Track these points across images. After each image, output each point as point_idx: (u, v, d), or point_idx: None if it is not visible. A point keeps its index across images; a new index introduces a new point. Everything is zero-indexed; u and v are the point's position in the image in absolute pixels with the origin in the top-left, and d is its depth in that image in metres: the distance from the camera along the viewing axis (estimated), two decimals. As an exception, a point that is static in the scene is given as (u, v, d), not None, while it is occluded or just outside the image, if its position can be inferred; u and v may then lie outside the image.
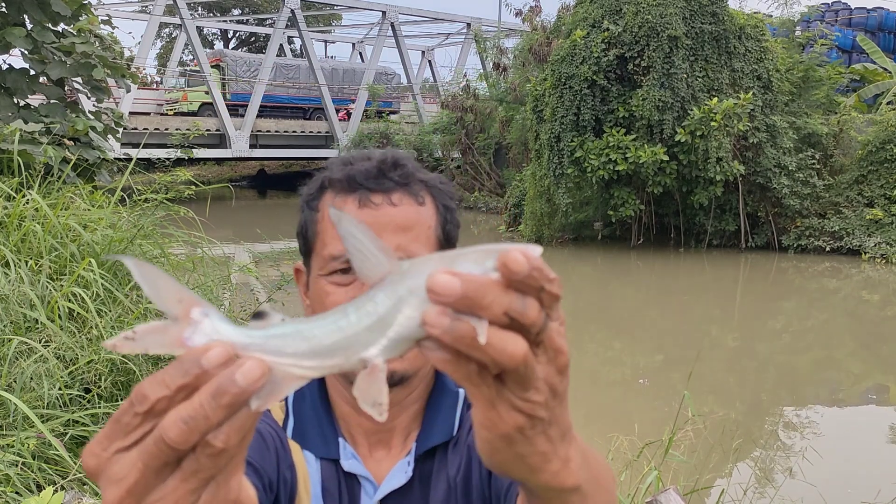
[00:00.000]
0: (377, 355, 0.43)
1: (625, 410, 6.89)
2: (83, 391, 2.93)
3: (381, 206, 0.87)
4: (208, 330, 0.43)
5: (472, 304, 0.41)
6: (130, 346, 0.42)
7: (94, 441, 0.42)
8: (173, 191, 4.48)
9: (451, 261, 0.42)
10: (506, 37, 28.74)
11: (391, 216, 0.87)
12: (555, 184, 15.72)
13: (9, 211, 3.67)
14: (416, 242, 0.88)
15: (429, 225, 0.90)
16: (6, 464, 2.32)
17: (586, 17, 15.76)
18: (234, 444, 0.41)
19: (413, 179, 0.91)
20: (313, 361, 0.42)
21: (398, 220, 0.87)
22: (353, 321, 0.42)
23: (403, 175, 0.90)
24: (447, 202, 0.94)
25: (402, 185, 0.89)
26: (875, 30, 25.11)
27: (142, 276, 0.43)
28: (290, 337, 0.43)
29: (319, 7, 38.61)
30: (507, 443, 0.47)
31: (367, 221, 0.85)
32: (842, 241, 14.93)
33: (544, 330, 0.44)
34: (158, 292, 0.43)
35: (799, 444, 5.77)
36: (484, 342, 0.41)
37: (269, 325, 0.43)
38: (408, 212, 0.88)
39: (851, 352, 9.32)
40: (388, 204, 0.88)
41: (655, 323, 10.71)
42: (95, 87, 6.53)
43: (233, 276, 5.01)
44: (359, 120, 31.97)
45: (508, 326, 0.42)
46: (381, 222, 0.87)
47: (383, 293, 0.42)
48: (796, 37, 18.29)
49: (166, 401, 0.40)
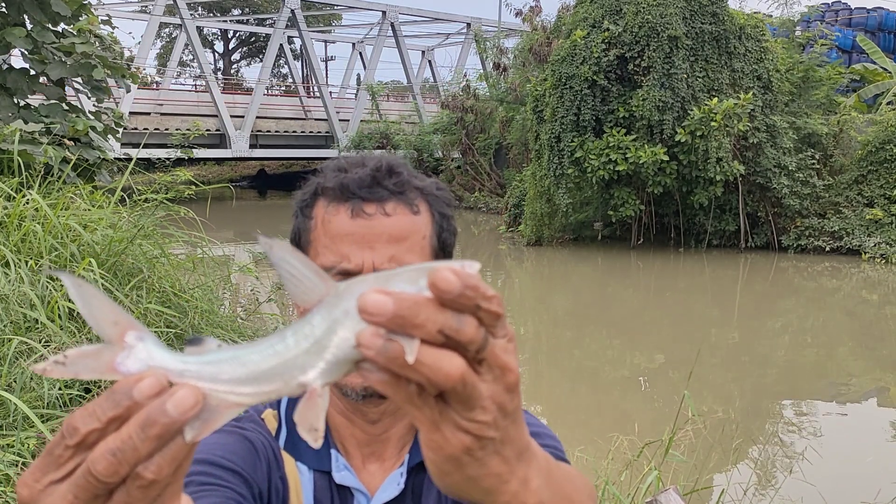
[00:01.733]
0: (315, 379, 0.42)
1: (625, 410, 6.89)
2: (83, 391, 2.93)
3: (374, 217, 0.85)
4: (143, 355, 0.42)
5: (405, 323, 0.40)
6: (61, 371, 0.41)
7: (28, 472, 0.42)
8: (173, 191, 4.48)
9: (385, 280, 0.42)
10: (506, 37, 28.75)
11: (384, 226, 0.85)
12: (555, 184, 15.72)
13: (9, 211, 3.67)
14: (410, 253, 0.86)
15: (423, 234, 0.88)
16: (6, 464, 2.32)
17: (586, 17, 15.76)
18: (166, 475, 0.40)
19: (408, 187, 0.88)
20: (250, 387, 0.41)
21: (392, 231, 0.85)
22: (290, 345, 0.42)
23: (398, 183, 0.87)
24: (443, 209, 0.92)
25: (396, 194, 0.87)
26: (875, 30, 25.10)
27: (78, 295, 0.42)
28: (226, 363, 0.41)
29: (319, 7, 38.61)
30: (455, 465, 0.45)
31: (359, 232, 0.85)
32: (841, 241, 14.93)
33: (485, 347, 0.43)
34: (93, 313, 0.42)
35: (799, 443, 5.78)
36: (412, 361, 0.40)
37: (206, 352, 0.42)
38: (402, 222, 0.86)
39: (851, 351, 9.32)
40: (382, 214, 0.86)
41: (655, 323, 10.71)
42: (95, 87, 6.53)
43: (233, 276, 5.01)
44: (359, 120, 31.98)
45: (445, 345, 0.41)
46: (375, 233, 0.85)
47: (319, 316, 0.42)
48: (796, 37, 18.29)
49: (97, 433, 0.40)
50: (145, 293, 3.64)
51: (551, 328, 10.69)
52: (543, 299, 12.88)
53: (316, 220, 0.88)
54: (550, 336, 10.26)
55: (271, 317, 5.18)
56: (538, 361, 9.02)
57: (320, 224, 0.87)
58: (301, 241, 0.90)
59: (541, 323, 11.14)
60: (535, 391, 7.84)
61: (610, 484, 3.07)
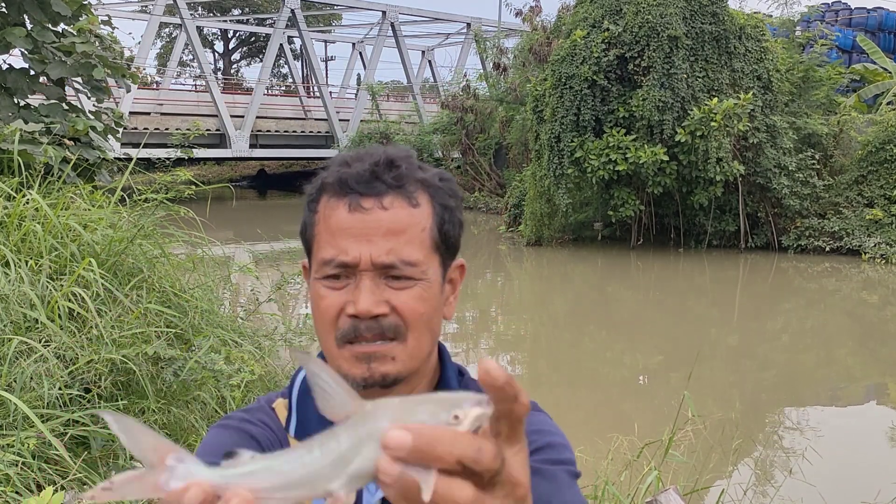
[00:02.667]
0: (339, 487, 0.46)
1: (625, 410, 6.89)
2: (83, 391, 2.93)
3: (371, 211, 0.86)
4: (183, 474, 0.46)
5: (423, 457, 0.44)
6: (108, 496, 0.45)
7: None
8: (173, 191, 4.47)
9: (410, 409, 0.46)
10: (506, 37, 28.75)
11: (381, 220, 0.86)
12: (555, 184, 15.72)
13: (9, 211, 3.67)
14: (409, 245, 0.87)
15: (423, 227, 0.89)
16: (6, 464, 2.32)
17: (586, 17, 15.76)
18: None
19: (408, 180, 0.89)
20: (282, 493, 0.46)
21: (388, 224, 0.86)
22: (317, 457, 0.46)
23: (397, 176, 0.88)
24: (446, 201, 0.92)
25: (394, 188, 0.87)
26: (875, 30, 25.11)
27: (119, 428, 0.47)
28: (261, 473, 0.46)
29: (319, 7, 38.61)
30: None
31: (357, 226, 0.86)
32: (842, 241, 14.93)
33: (501, 472, 0.46)
34: (134, 442, 0.47)
35: (799, 444, 5.77)
36: (427, 499, 0.44)
37: (240, 463, 0.47)
38: (399, 215, 0.87)
39: (851, 352, 9.32)
40: (379, 208, 0.86)
41: (655, 323, 10.71)
42: (95, 87, 6.53)
43: (233, 276, 5.01)
44: (359, 120, 31.98)
45: (461, 473, 0.45)
46: (371, 227, 0.86)
47: (346, 434, 0.46)
48: (796, 37, 18.30)
49: None
50: (145, 293, 3.64)
51: (551, 328, 10.69)
52: (543, 299, 12.88)
53: (319, 215, 0.91)
54: (550, 336, 10.25)
55: (271, 316, 5.18)
56: (538, 362, 9.02)
57: (322, 219, 0.90)
58: (307, 235, 0.93)
59: (540, 323, 11.14)
60: (534, 391, 7.84)
61: (610, 484, 3.07)
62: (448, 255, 0.93)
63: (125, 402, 3.00)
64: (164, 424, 3.06)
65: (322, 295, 0.89)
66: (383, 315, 0.86)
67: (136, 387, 3.12)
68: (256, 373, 3.37)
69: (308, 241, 0.93)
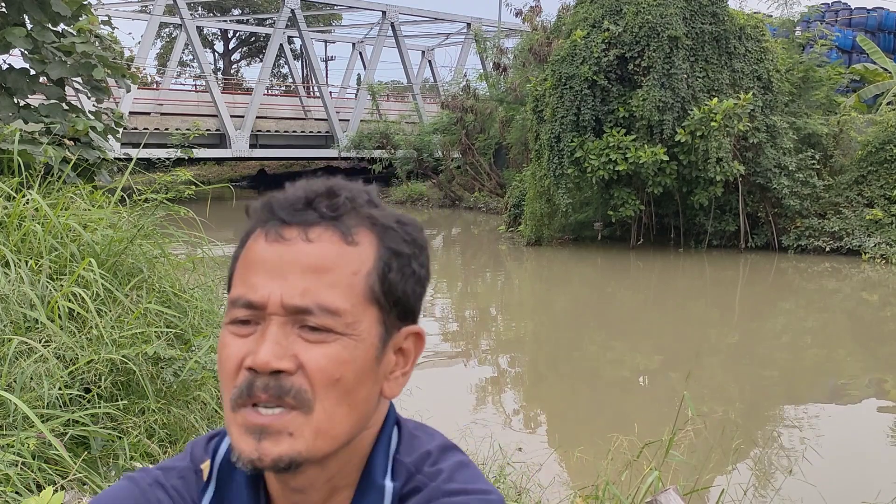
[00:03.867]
0: None
1: (625, 410, 6.89)
2: (83, 391, 2.93)
3: (291, 242, 0.71)
4: None
5: None
6: None
7: None
8: (173, 191, 4.48)
9: None
10: (506, 37, 28.75)
11: (301, 254, 0.70)
12: (555, 184, 15.72)
13: (9, 211, 3.67)
14: (332, 288, 0.70)
15: (355, 270, 0.71)
16: (6, 464, 2.32)
17: (586, 18, 15.76)
18: None
19: (348, 212, 0.73)
20: None
21: (310, 260, 0.70)
22: None
23: (333, 206, 0.72)
24: (400, 247, 0.75)
25: (328, 219, 0.72)
26: (875, 30, 25.11)
27: None
28: None
29: (319, 7, 38.61)
30: None
31: (272, 259, 0.70)
32: (842, 241, 14.93)
33: None
34: None
35: (799, 444, 5.78)
36: None
37: None
38: (324, 250, 0.70)
39: (851, 352, 9.32)
40: (303, 239, 0.71)
41: (655, 323, 10.71)
42: (95, 87, 6.53)
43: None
44: (359, 120, 31.99)
45: None
46: (288, 261, 0.70)
47: None
48: (796, 37, 18.30)
49: None
50: (145, 293, 3.64)
51: (551, 328, 10.69)
52: (543, 299, 12.88)
53: (247, 246, 0.74)
54: (550, 336, 10.26)
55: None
56: (538, 362, 9.02)
57: (244, 251, 0.74)
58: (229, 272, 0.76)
59: (540, 323, 11.14)
60: (535, 392, 7.84)
61: (610, 484, 3.07)
62: (394, 313, 0.74)
63: (125, 402, 2.99)
64: (164, 424, 3.06)
65: (225, 343, 0.71)
66: (286, 372, 0.68)
67: (136, 387, 3.12)
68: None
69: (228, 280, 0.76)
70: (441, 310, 12.03)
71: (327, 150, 33.13)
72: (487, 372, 8.50)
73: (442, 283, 14.61)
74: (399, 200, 29.31)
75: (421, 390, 6.69)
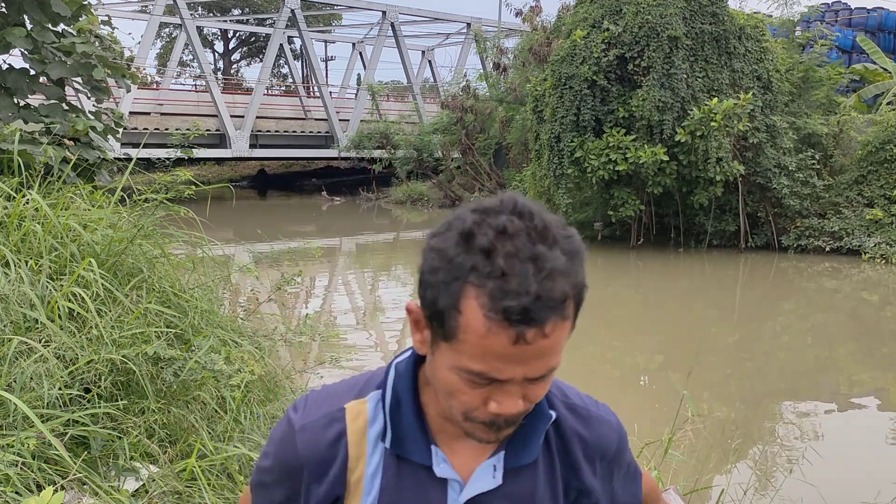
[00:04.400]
0: None
1: (624, 410, 6.86)
2: (83, 391, 2.93)
3: (532, 342, 0.83)
4: None
5: None
6: None
7: None
8: (173, 191, 4.47)
9: None
10: (506, 37, 28.75)
11: (540, 347, 0.84)
12: (555, 184, 15.72)
13: (9, 211, 3.67)
14: (558, 355, 0.88)
15: (570, 329, 0.88)
16: (6, 464, 2.32)
17: (586, 18, 15.76)
18: None
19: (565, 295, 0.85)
20: None
21: (546, 349, 0.85)
22: None
23: (561, 298, 0.84)
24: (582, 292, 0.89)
25: (557, 312, 0.84)
26: (875, 30, 25.11)
27: None
28: None
29: (319, 7, 38.61)
30: None
31: (518, 355, 0.84)
32: (842, 241, 14.93)
33: None
34: None
35: (799, 444, 5.78)
36: None
37: None
38: (558, 337, 0.86)
39: (851, 352, 9.32)
40: (542, 337, 0.83)
41: (655, 323, 10.71)
42: (95, 87, 6.53)
43: (233, 276, 5.01)
44: (359, 120, 31.98)
45: None
46: (531, 354, 0.85)
47: None
48: (796, 37, 18.29)
49: None
50: (145, 293, 3.64)
51: (551, 328, 10.69)
52: (543, 299, 12.88)
53: (466, 322, 0.84)
54: (550, 336, 10.25)
55: (271, 316, 5.18)
56: (538, 361, 9.02)
57: (473, 333, 0.84)
58: (443, 318, 0.86)
59: (541, 323, 11.13)
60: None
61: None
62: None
63: (125, 402, 2.99)
64: (164, 424, 3.06)
65: (462, 390, 0.89)
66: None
67: (136, 387, 3.12)
68: (256, 373, 3.37)
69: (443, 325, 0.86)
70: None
71: (327, 150, 33.15)
72: (487, 372, 8.50)
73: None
74: (399, 200, 29.31)
75: (421, 390, 6.71)
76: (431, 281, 0.86)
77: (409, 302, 0.93)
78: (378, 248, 19.89)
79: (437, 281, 0.85)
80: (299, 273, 4.91)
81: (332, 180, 35.46)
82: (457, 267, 0.84)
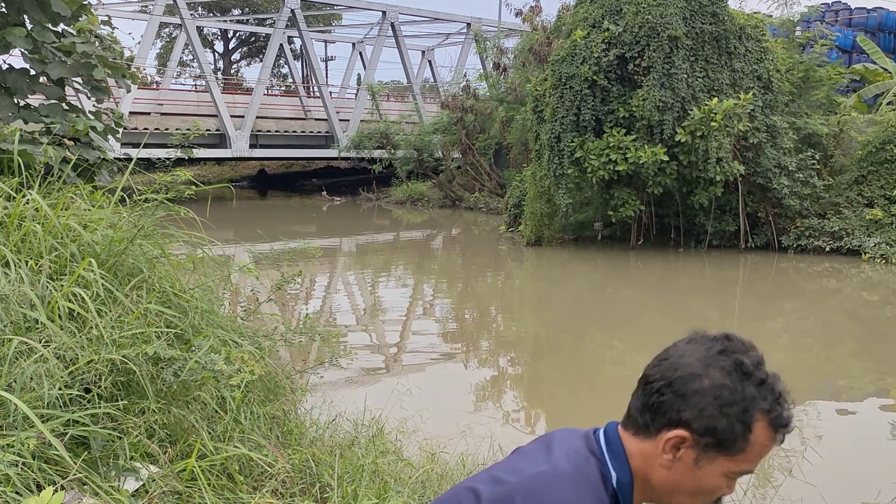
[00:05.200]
0: None
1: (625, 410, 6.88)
2: (83, 391, 2.92)
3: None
4: None
5: None
6: None
7: None
8: (173, 191, 4.47)
9: None
10: (506, 37, 28.76)
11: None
12: (555, 184, 15.72)
13: (9, 211, 3.67)
14: None
15: None
16: (6, 464, 2.31)
17: (586, 18, 15.77)
18: None
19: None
20: None
21: None
22: None
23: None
24: None
25: None
26: (875, 30, 25.12)
27: None
28: None
29: (319, 7, 38.62)
30: None
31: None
32: (842, 241, 14.93)
33: None
34: None
35: (799, 444, 5.77)
36: None
37: None
38: None
39: (851, 352, 9.32)
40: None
41: (655, 323, 10.71)
42: (95, 87, 6.52)
43: (233, 276, 5.00)
44: (359, 120, 31.98)
45: None
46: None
47: None
48: (796, 37, 18.30)
49: None
50: (145, 293, 3.63)
51: (551, 329, 10.69)
52: (543, 300, 12.88)
53: (755, 438, 1.17)
54: (550, 337, 10.25)
55: (271, 317, 5.18)
56: (538, 362, 9.02)
57: (759, 445, 1.18)
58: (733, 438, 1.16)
59: (541, 323, 11.13)
60: (535, 392, 7.84)
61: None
62: None
63: (125, 402, 2.99)
64: (164, 424, 3.06)
65: (720, 486, 1.21)
66: None
67: (136, 387, 3.11)
68: (256, 373, 3.37)
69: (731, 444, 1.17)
70: (441, 310, 12.04)
71: (327, 150, 33.15)
72: (487, 372, 8.50)
73: (442, 283, 14.62)
74: (399, 200, 29.31)
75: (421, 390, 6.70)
76: (729, 413, 1.15)
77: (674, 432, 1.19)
78: (378, 249, 19.90)
79: (733, 412, 1.15)
80: (299, 273, 4.91)
81: (332, 180, 35.49)
82: (749, 399, 1.16)
